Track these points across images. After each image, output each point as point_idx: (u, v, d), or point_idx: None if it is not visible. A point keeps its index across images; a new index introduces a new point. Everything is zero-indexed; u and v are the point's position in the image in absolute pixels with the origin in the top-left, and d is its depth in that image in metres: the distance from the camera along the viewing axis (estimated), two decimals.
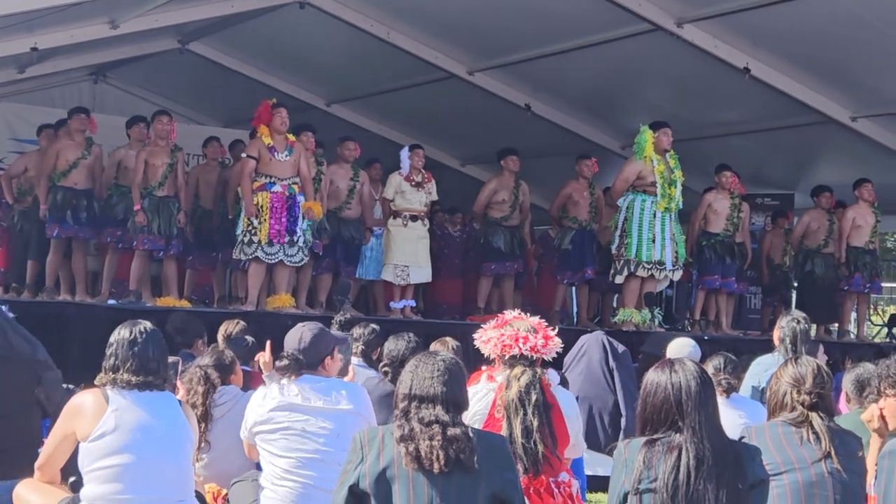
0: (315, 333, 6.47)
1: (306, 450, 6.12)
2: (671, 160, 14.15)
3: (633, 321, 13.98)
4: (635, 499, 4.59)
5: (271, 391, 6.31)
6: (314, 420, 6.17)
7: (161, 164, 13.24)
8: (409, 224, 14.16)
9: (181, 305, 13.01)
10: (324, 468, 6.02)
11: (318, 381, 6.36)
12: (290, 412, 6.19)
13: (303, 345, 6.37)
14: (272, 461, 6.18)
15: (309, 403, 6.21)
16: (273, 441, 6.18)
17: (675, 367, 4.76)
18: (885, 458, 5.59)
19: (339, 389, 6.41)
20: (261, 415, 6.25)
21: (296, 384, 6.28)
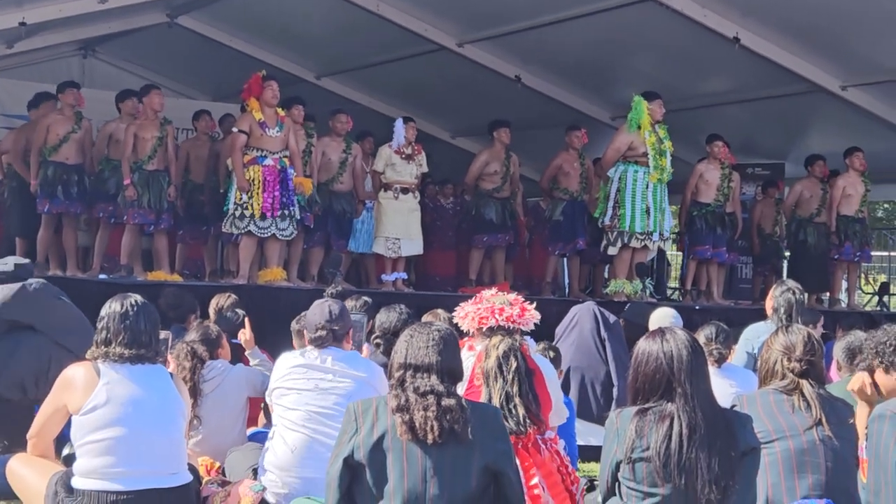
0: (341, 307, 6.66)
1: (317, 405, 6.26)
2: (661, 131, 14.15)
3: (624, 292, 14.00)
4: (628, 467, 4.61)
5: (291, 358, 6.50)
6: (329, 378, 6.34)
7: (151, 138, 13.20)
8: (400, 197, 14.14)
9: (172, 279, 12.98)
10: (332, 424, 6.06)
11: (340, 351, 6.52)
12: (308, 370, 6.37)
13: (334, 316, 6.52)
14: (283, 414, 6.31)
15: (326, 364, 6.39)
16: (287, 395, 6.34)
17: (667, 336, 4.78)
18: (874, 422, 5.61)
19: (358, 360, 6.65)
20: (281, 374, 6.43)
21: (321, 353, 6.46)
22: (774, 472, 5.10)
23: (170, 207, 13.45)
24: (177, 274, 13.80)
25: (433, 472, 4.69)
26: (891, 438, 5.51)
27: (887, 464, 5.49)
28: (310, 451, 6.11)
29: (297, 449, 6.17)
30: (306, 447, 6.15)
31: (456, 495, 4.69)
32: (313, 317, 6.56)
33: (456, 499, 4.69)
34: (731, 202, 15.51)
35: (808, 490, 5.06)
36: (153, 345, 5.94)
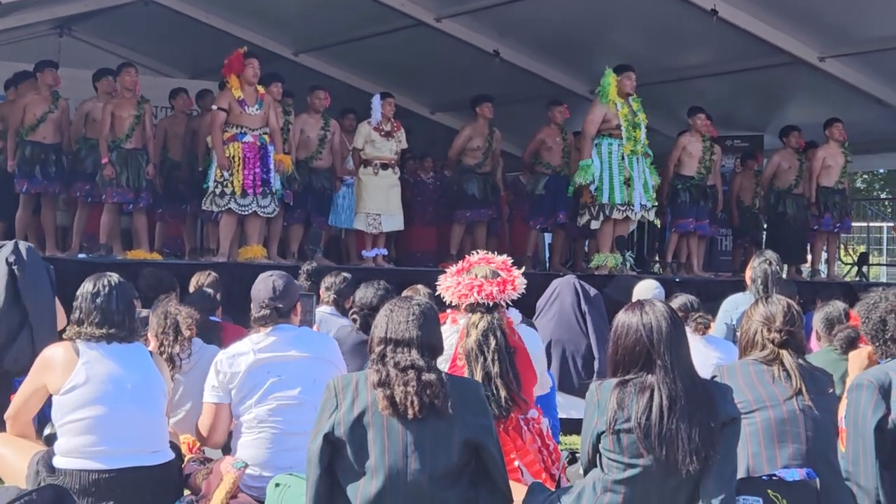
0: (286, 281, 6.48)
1: (283, 396, 6.13)
2: (634, 103, 14.17)
3: (607, 265, 14.04)
4: (611, 438, 4.61)
5: (243, 347, 6.26)
6: (290, 368, 6.18)
7: (128, 117, 13.16)
8: (380, 173, 14.14)
9: (152, 258, 12.96)
10: (299, 412, 6.03)
11: (291, 329, 6.38)
12: (270, 363, 6.18)
13: (278, 292, 6.36)
14: (250, 410, 6.16)
15: (284, 353, 6.22)
16: (253, 393, 6.16)
17: (646, 308, 4.78)
18: (852, 391, 5.65)
19: (311, 338, 6.51)
20: (240, 369, 6.18)
21: (272, 334, 6.29)
22: (755, 442, 5.11)
23: (148, 186, 13.42)
24: (156, 253, 13.79)
25: (414, 447, 4.69)
26: (869, 407, 5.54)
27: (866, 433, 5.52)
28: (283, 444, 6.06)
29: (271, 446, 6.12)
30: (280, 441, 6.09)
31: (437, 470, 4.70)
32: (258, 293, 6.40)
33: (437, 473, 4.70)
34: (712, 175, 15.53)
35: (788, 459, 5.07)
36: (127, 324, 5.91)
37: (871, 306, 5.91)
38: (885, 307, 5.83)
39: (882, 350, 5.87)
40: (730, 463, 4.65)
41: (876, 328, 5.84)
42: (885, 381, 5.59)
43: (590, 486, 4.73)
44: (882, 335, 5.82)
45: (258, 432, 6.12)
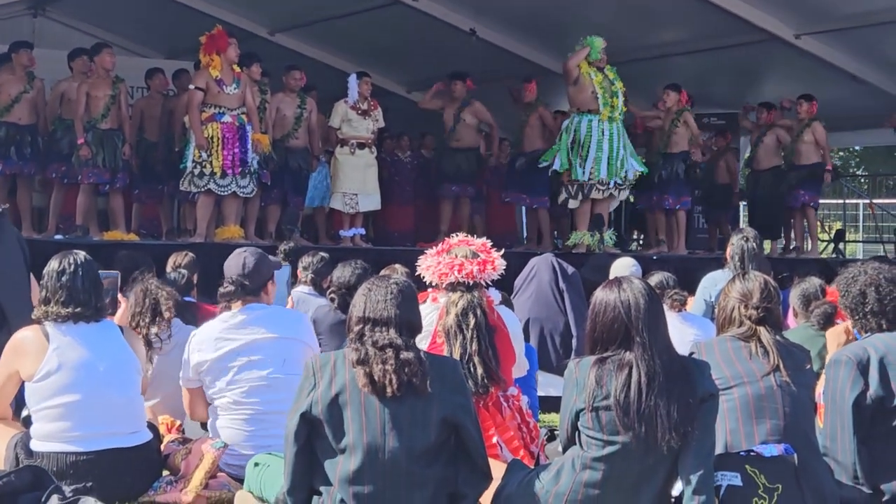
0: (257, 258, 6.42)
1: (254, 378, 6.12)
2: (610, 73, 14.18)
3: (584, 243, 14.05)
4: (590, 416, 4.63)
5: (212, 329, 6.25)
6: (260, 349, 6.16)
7: (103, 97, 13.11)
8: (357, 152, 14.13)
9: (129, 239, 12.94)
10: (273, 392, 6.04)
11: (261, 307, 6.34)
12: (235, 344, 6.16)
13: (247, 269, 6.31)
14: (224, 394, 6.16)
15: (253, 334, 6.19)
16: (222, 376, 6.16)
17: (624, 285, 4.80)
18: (830, 367, 5.68)
19: (282, 317, 6.47)
20: (207, 358, 6.18)
21: (240, 313, 6.27)
22: (733, 418, 5.13)
23: (125, 166, 13.39)
24: (133, 233, 13.75)
25: (392, 425, 4.70)
26: (847, 383, 5.57)
27: (843, 409, 5.55)
28: (260, 423, 6.05)
29: (248, 426, 6.10)
30: (256, 421, 6.07)
31: (415, 447, 4.71)
32: (228, 268, 6.37)
33: (415, 451, 4.71)
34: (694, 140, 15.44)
35: (766, 435, 5.09)
36: (93, 302, 5.89)
37: (850, 280, 5.91)
38: (864, 280, 5.83)
39: (861, 324, 5.88)
40: (708, 439, 4.68)
41: (855, 301, 5.85)
42: (863, 357, 5.61)
43: (569, 464, 4.75)
44: (861, 308, 5.83)
45: (234, 414, 6.12)
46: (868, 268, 5.96)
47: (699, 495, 4.56)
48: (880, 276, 5.84)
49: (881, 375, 5.56)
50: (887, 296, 5.78)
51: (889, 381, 5.56)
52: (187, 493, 5.77)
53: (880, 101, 16.56)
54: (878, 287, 5.79)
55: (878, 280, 5.81)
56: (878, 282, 5.81)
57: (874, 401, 5.58)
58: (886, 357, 5.58)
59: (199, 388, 6.30)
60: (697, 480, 4.57)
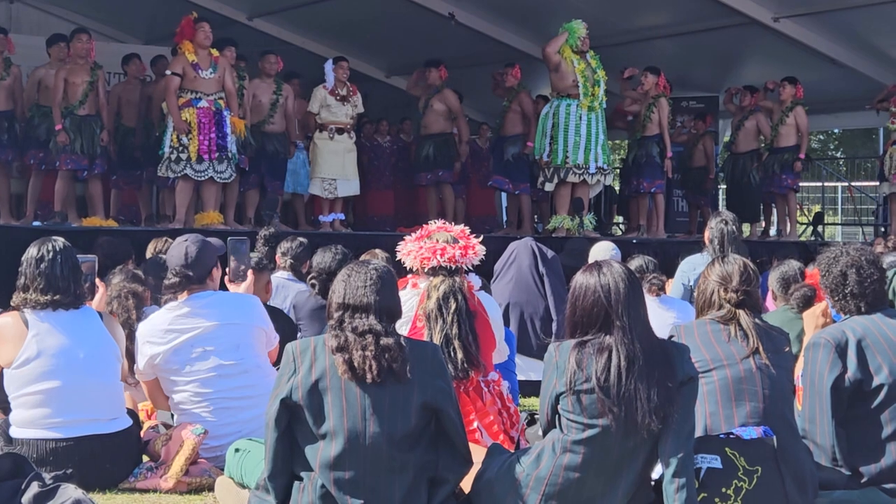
0: (199, 246, 6.34)
1: (209, 368, 6.12)
2: (592, 60, 14.16)
3: (564, 227, 14.06)
4: (571, 399, 4.63)
5: (160, 321, 6.22)
6: (209, 338, 6.14)
7: (81, 83, 13.06)
8: (336, 137, 14.12)
9: (108, 225, 12.89)
10: (230, 380, 6.04)
11: (207, 296, 6.30)
12: (184, 336, 6.14)
13: (189, 259, 6.26)
14: (181, 387, 6.17)
15: (202, 322, 6.16)
16: (177, 370, 6.16)
17: (604, 269, 4.79)
18: (809, 350, 5.69)
19: (228, 303, 6.38)
20: (159, 350, 6.16)
21: (185, 304, 6.23)
22: (712, 401, 5.14)
23: (103, 152, 13.35)
24: (112, 220, 13.71)
25: (372, 411, 4.70)
26: (825, 366, 5.58)
27: (822, 392, 5.57)
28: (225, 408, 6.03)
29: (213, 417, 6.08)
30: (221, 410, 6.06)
31: (395, 433, 4.71)
32: (170, 259, 6.31)
33: (395, 436, 4.71)
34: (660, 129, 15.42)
35: (745, 418, 5.10)
36: (72, 289, 5.87)
37: (831, 260, 5.91)
38: (846, 262, 5.83)
39: (840, 305, 5.88)
40: (688, 422, 4.68)
41: (836, 282, 5.85)
42: (841, 339, 5.63)
43: (549, 447, 4.75)
44: (842, 290, 5.83)
45: (197, 406, 6.12)
46: (850, 248, 5.96)
47: (679, 478, 4.56)
48: (862, 258, 5.84)
49: (859, 358, 5.58)
50: (868, 278, 5.79)
51: (867, 364, 5.58)
52: (167, 479, 5.78)
53: (859, 84, 16.63)
54: (859, 269, 5.80)
55: (860, 262, 5.82)
56: (859, 263, 5.81)
57: (852, 383, 5.60)
58: (864, 340, 5.60)
59: (154, 381, 6.30)
60: (677, 463, 4.58)
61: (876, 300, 5.83)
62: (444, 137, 15.14)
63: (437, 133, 15.11)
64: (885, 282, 5.94)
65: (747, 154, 16.03)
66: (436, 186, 15.40)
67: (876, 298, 5.83)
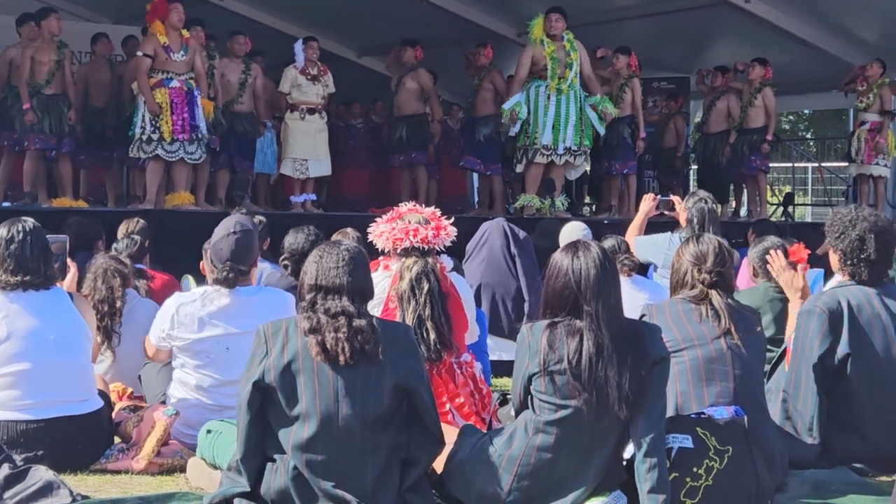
0: (248, 237, 6.14)
1: (226, 369, 5.99)
2: (567, 44, 14.13)
3: (533, 206, 14.05)
4: (544, 379, 4.63)
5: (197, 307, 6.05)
6: (241, 342, 5.80)
7: (48, 62, 13.00)
8: (307, 117, 14.07)
9: (77, 206, 12.85)
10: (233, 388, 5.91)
11: (252, 292, 6.16)
12: (219, 330, 6.03)
13: (241, 252, 6.06)
14: (189, 372, 6.09)
15: (238, 326, 5.99)
16: (194, 356, 6.06)
17: (580, 252, 4.75)
18: (802, 316, 5.72)
19: (268, 304, 6.13)
20: (188, 331, 6.05)
21: (229, 296, 6.07)
22: (683, 381, 5.15)
23: (71, 132, 13.28)
24: (82, 200, 13.65)
25: (345, 392, 4.69)
26: (816, 338, 5.62)
27: (809, 360, 5.61)
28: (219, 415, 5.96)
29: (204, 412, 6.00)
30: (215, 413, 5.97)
31: (368, 414, 4.71)
32: (219, 252, 6.08)
33: (368, 417, 4.71)
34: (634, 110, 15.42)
35: (716, 397, 5.12)
36: (42, 270, 5.83)
37: (848, 223, 5.83)
38: (864, 226, 5.75)
39: (852, 270, 5.84)
40: (659, 402, 4.69)
41: (853, 246, 5.78)
42: (836, 308, 5.65)
43: (521, 428, 4.76)
44: (858, 254, 5.77)
45: (195, 397, 6.06)
46: (865, 212, 5.92)
47: (651, 458, 4.58)
48: (878, 224, 5.82)
49: (850, 333, 5.62)
50: (886, 245, 5.77)
51: (858, 340, 5.62)
52: (139, 460, 5.76)
53: (829, 65, 16.66)
54: (878, 235, 5.77)
55: (878, 228, 5.79)
56: (877, 230, 5.78)
57: (840, 359, 5.64)
58: (859, 314, 5.66)
59: (167, 351, 6.20)
60: (649, 443, 4.59)
61: (886, 268, 5.83)
62: (418, 118, 15.10)
63: (410, 114, 15.08)
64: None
65: (718, 135, 16.04)
66: (409, 168, 15.38)
67: (887, 267, 5.84)
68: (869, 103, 15.75)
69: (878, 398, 5.77)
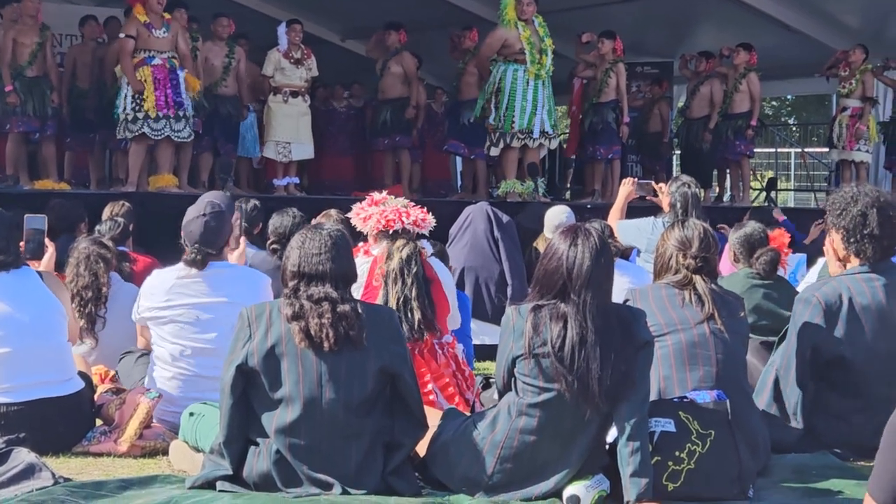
0: (218, 218, 6.09)
1: (198, 339, 6.00)
2: (540, 28, 14.10)
3: (516, 191, 14.04)
4: (529, 362, 4.63)
5: (168, 276, 6.10)
6: (211, 311, 5.99)
7: (30, 44, 12.96)
8: (290, 101, 14.06)
9: (60, 188, 12.79)
10: (214, 357, 5.83)
11: (221, 267, 6.13)
12: (188, 299, 6.02)
13: (209, 234, 6.02)
14: (162, 345, 6.08)
15: (208, 295, 6.02)
16: (165, 327, 6.06)
17: (579, 239, 4.72)
18: (799, 303, 5.73)
19: (241, 279, 6.18)
20: (157, 300, 6.06)
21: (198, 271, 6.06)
22: (666, 365, 5.16)
23: (54, 114, 13.23)
24: (65, 182, 13.61)
25: (329, 377, 4.70)
26: (809, 326, 5.64)
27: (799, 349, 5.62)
28: (195, 385, 5.95)
29: (182, 386, 6.03)
30: (192, 383, 5.96)
31: (352, 398, 4.71)
32: (189, 234, 6.04)
33: (352, 402, 4.71)
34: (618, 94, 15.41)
35: (699, 382, 5.13)
36: (11, 249, 5.80)
37: (849, 199, 5.75)
38: (866, 202, 5.68)
39: (856, 247, 5.78)
40: (643, 386, 4.70)
41: (855, 223, 5.72)
42: (834, 303, 5.65)
43: (504, 410, 4.77)
44: (860, 230, 5.70)
45: (171, 370, 6.04)
46: (866, 189, 5.88)
47: (633, 441, 4.58)
48: (880, 199, 5.78)
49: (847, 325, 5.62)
50: (889, 220, 5.73)
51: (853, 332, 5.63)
52: (121, 443, 5.75)
53: (812, 50, 16.69)
54: (880, 210, 5.73)
55: (880, 203, 5.74)
56: (879, 204, 5.73)
57: (834, 350, 5.64)
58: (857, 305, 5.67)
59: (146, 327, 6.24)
60: (632, 427, 4.60)
61: (892, 244, 5.80)
62: (402, 102, 15.08)
63: (394, 98, 15.06)
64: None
65: (701, 119, 16.04)
66: (392, 151, 15.37)
67: (892, 243, 5.80)
68: (851, 89, 15.79)
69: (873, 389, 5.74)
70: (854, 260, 5.84)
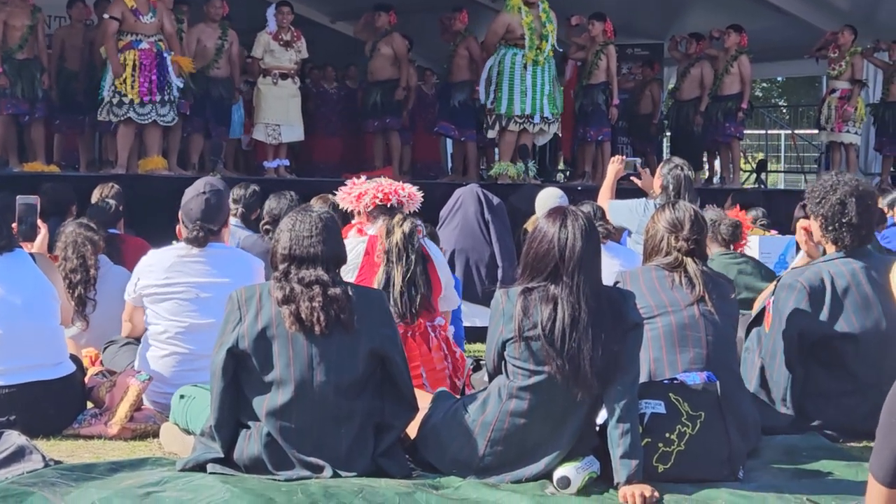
0: (218, 197, 6.18)
1: (195, 317, 6.02)
2: (543, 14, 14.09)
3: (508, 174, 14.04)
4: (520, 345, 4.63)
5: (167, 254, 6.12)
6: (209, 289, 6.01)
7: (21, 27, 12.92)
8: (280, 83, 14.04)
9: (49, 171, 12.77)
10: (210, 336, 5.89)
11: (219, 248, 6.18)
12: (189, 277, 6.05)
13: (211, 212, 6.09)
14: (158, 321, 6.09)
15: (208, 275, 6.05)
16: (163, 304, 6.07)
17: (567, 221, 4.72)
18: (782, 290, 5.74)
19: (237, 261, 6.25)
20: (156, 278, 6.07)
21: (199, 251, 6.10)
22: (656, 347, 5.16)
23: (44, 96, 13.20)
24: (54, 165, 13.58)
25: (319, 360, 4.69)
26: (794, 312, 5.65)
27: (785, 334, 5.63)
28: (190, 364, 5.95)
29: (177, 366, 6.03)
30: (187, 362, 5.98)
31: (342, 381, 4.71)
32: (190, 212, 6.10)
33: (342, 384, 4.71)
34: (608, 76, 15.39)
35: (689, 363, 5.14)
36: (4, 232, 5.79)
37: (828, 188, 5.77)
38: (845, 191, 5.70)
39: (834, 236, 5.80)
40: (633, 368, 4.70)
41: (834, 210, 5.73)
42: (818, 285, 5.66)
43: (495, 393, 4.77)
44: (839, 218, 5.73)
45: (167, 348, 6.05)
46: (845, 177, 5.89)
47: (623, 423, 4.58)
48: (859, 188, 5.80)
49: (831, 309, 5.63)
50: (867, 208, 5.76)
51: (838, 316, 5.63)
52: (112, 425, 5.75)
53: (803, 32, 16.70)
54: (858, 198, 5.75)
55: (858, 192, 5.76)
56: (858, 193, 5.75)
57: (820, 333, 5.65)
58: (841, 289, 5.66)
59: (140, 308, 6.23)
60: (622, 409, 4.60)
61: (870, 233, 5.83)
62: (392, 84, 15.06)
63: (384, 80, 15.04)
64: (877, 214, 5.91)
65: (691, 101, 16.05)
66: (382, 133, 15.36)
67: (870, 231, 5.83)
68: (841, 71, 15.82)
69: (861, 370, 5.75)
70: (831, 247, 5.88)
